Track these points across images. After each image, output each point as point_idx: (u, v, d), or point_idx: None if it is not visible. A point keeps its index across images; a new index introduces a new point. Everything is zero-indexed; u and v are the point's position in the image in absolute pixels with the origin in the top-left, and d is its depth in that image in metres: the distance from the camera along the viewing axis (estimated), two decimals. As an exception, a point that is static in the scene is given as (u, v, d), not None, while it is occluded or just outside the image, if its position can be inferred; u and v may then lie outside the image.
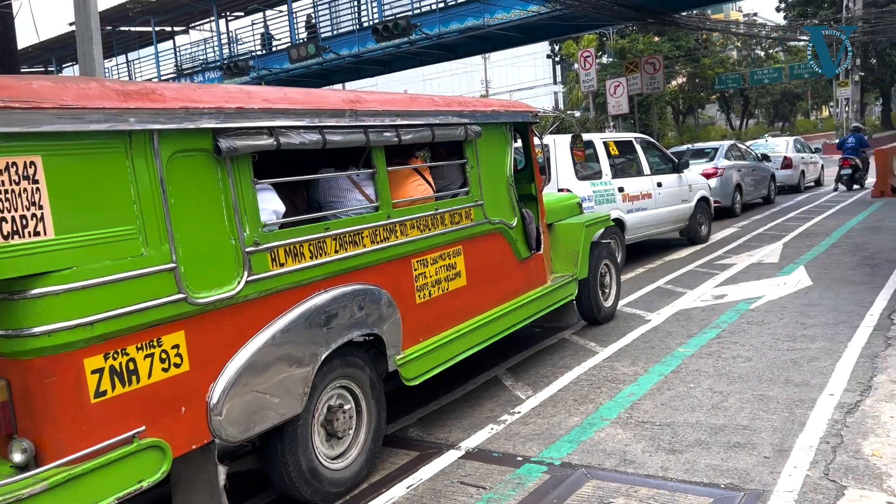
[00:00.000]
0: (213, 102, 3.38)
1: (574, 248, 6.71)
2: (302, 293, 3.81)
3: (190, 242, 3.24)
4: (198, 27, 30.73)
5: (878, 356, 5.48)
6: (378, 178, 4.40)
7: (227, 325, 3.41)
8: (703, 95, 52.60)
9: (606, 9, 17.53)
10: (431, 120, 4.86)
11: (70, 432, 2.82)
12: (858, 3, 40.22)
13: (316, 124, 3.92)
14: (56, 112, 2.74)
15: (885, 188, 16.21)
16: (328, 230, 3.99)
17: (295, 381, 3.69)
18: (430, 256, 4.82)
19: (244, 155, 3.51)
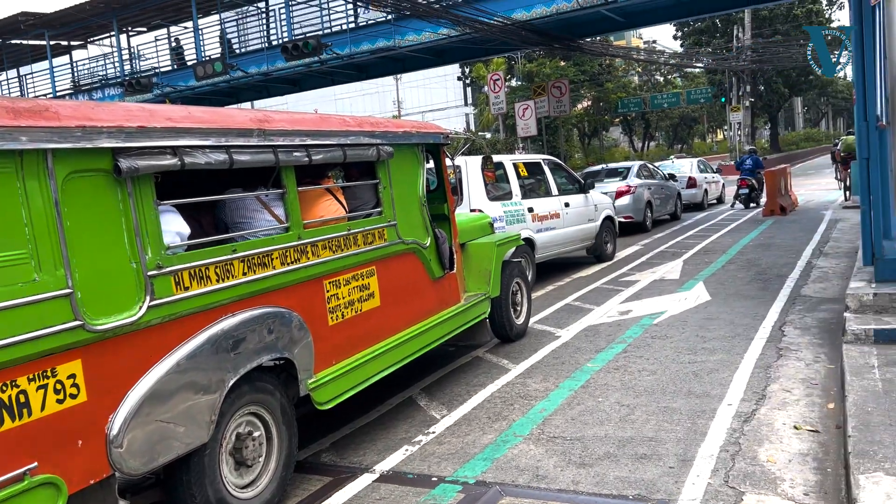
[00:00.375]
0: (112, 121, 3.27)
1: (486, 267, 6.80)
2: (208, 317, 3.70)
3: (88, 267, 3.11)
4: (97, 42, 29.58)
5: (771, 366, 5.79)
6: (288, 198, 4.33)
7: (128, 353, 3.28)
8: (607, 118, 54.55)
9: (514, 34, 17.98)
10: (343, 140, 4.83)
11: None
12: (747, 34, 42.81)
13: (222, 144, 3.83)
14: None
15: (774, 207, 17.25)
16: (235, 252, 3.90)
17: (201, 408, 3.56)
18: (342, 277, 4.78)
19: (146, 175, 3.39)
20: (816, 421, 4.63)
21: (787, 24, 46.19)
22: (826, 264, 10.06)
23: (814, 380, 5.42)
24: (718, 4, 18.45)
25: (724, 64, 43.84)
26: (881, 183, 6.64)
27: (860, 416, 4.22)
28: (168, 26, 25.15)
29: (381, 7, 18.13)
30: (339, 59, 20.25)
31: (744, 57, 42.42)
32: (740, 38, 43.40)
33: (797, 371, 5.64)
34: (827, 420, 4.63)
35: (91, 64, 28.67)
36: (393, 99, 56.42)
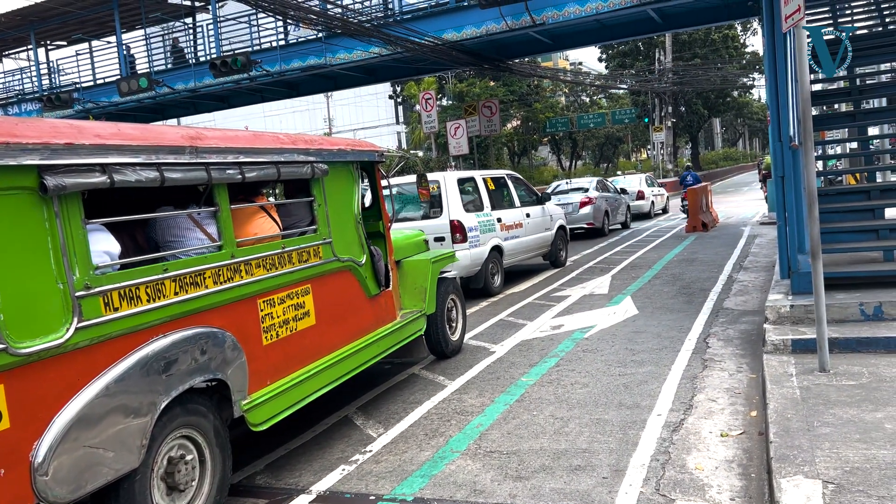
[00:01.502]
0: (37, 138, 3.18)
1: (422, 284, 6.84)
2: (139, 339, 3.63)
3: (11, 287, 3.02)
4: (12, 56, 28.41)
5: (697, 377, 6.00)
6: (221, 216, 4.29)
7: (54, 377, 3.17)
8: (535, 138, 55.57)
9: (445, 54, 18.18)
10: (277, 157, 4.80)
11: None
12: (668, 57, 44.45)
13: (153, 161, 3.76)
14: None
15: (696, 224, 17.89)
16: (167, 271, 3.84)
17: (131, 433, 3.47)
18: (277, 296, 4.73)
19: (73, 193, 3.33)
20: (740, 428, 4.82)
21: (705, 48, 48.23)
22: (746, 278, 10.49)
23: (737, 389, 5.64)
24: (640, 28, 19.08)
25: (647, 86, 45.40)
26: (795, 200, 7.00)
27: (780, 422, 4.42)
28: (90, 40, 24.37)
29: (312, 25, 18.06)
30: (268, 76, 20.02)
31: (665, 79, 44.06)
32: (662, 60, 45.08)
33: (721, 381, 5.86)
34: (750, 427, 4.83)
35: (6, 78, 27.47)
36: (324, 116, 56.10)
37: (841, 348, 5.81)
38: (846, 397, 4.77)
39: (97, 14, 22.85)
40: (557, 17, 16.56)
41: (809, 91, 5.36)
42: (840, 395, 4.84)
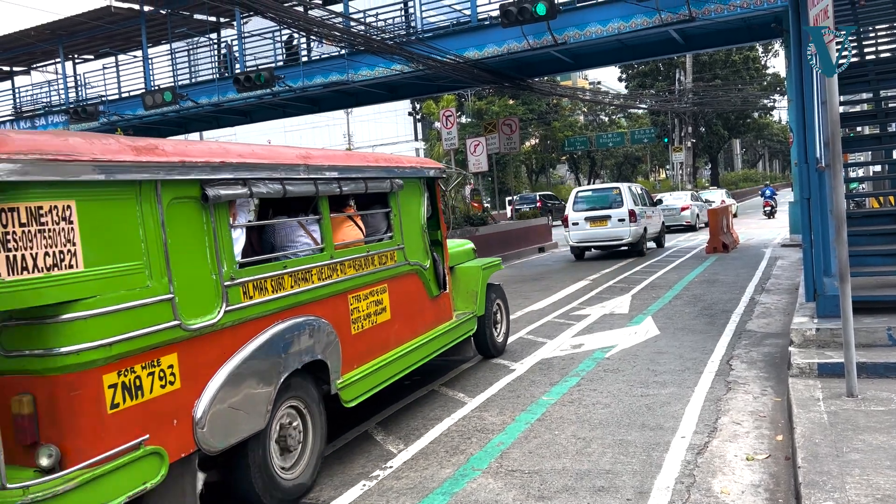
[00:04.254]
0: (201, 156, 3.96)
1: (473, 288, 7.53)
2: (265, 322, 4.35)
3: (182, 276, 3.76)
4: (40, 68, 28.92)
5: (721, 399, 5.93)
6: (323, 223, 5.10)
7: (209, 349, 3.90)
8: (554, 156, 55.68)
9: (466, 72, 18.27)
10: (365, 174, 5.60)
11: (91, 439, 3.22)
12: (689, 78, 44.40)
13: (278, 176, 4.54)
14: (90, 164, 3.26)
15: (717, 245, 17.77)
16: (286, 268, 4.61)
17: (260, 399, 4.20)
18: (362, 293, 5.49)
19: (223, 202, 4.09)
20: (766, 452, 4.75)
21: (725, 69, 48.13)
22: (768, 300, 10.39)
23: (762, 412, 5.57)
24: (661, 49, 19.09)
25: (667, 106, 45.36)
26: (821, 222, 6.94)
27: (808, 447, 4.36)
28: (116, 54, 24.77)
29: (336, 42, 18.24)
30: (291, 92, 20.20)
31: (685, 99, 43.98)
32: (682, 81, 45.03)
33: (746, 404, 5.79)
34: (776, 451, 4.76)
35: (34, 90, 27.95)
36: (343, 132, 56.46)
37: (868, 373, 5.72)
38: (875, 423, 4.70)
39: (125, 29, 23.25)
40: (579, 37, 16.62)
41: (838, 113, 5.33)
42: (869, 420, 4.76)
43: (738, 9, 14.91)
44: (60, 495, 2.99)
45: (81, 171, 3.21)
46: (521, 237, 21.37)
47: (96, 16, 22.12)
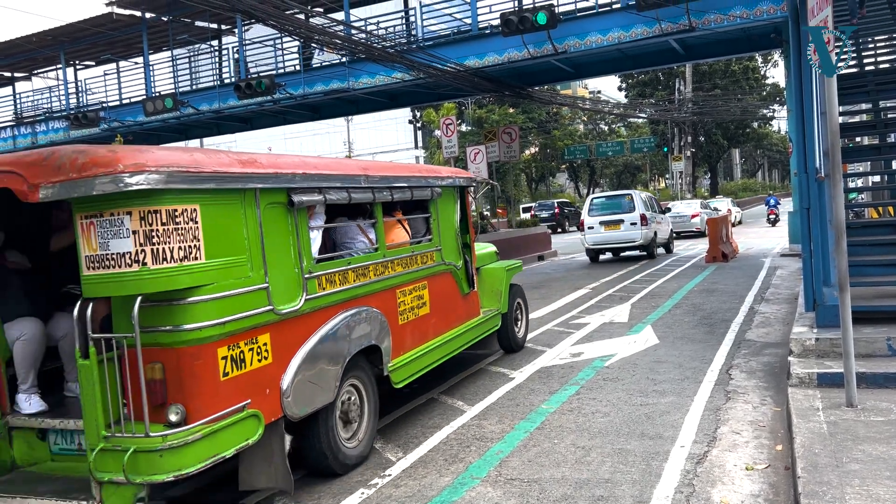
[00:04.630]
0: (288, 168, 4.69)
1: (498, 288, 8.19)
2: (334, 311, 5.05)
3: (274, 269, 4.45)
4: (41, 74, 28.97)
5: (721, 409, 5.92)
6: (377, 226, 5.84)
7: (293, 331, 4.61)
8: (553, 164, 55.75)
9: (467, 80, 18.31)
10: (411, 183, 6.33)
11: (208, 400, 3.90)
12: (688, 87, 44.52)
13: (344, 185, 5.27)
14: (211, 175, 3.98)
15: (716, 254, 17.78)
16: (350, 264, 5.34)
17: (330, 375, 4.90)
18: (407, 288, 6.20)
19: (304, 207, 4.80)
20: (766, 462, 4.74)
21: (725, 79, 48.28)
22: (768, 310, 10.39)
23: (761, 422, 5.56)
24: (661, 59, 19.14)
25: (667, 115, 45.45)
26: (821, 232, 6.95)
27: (808, 457, 4.35)
28: (118, 61, 24.83)
29: (336, 50, 18.28)
30: (292, 99, 20.24)
31: (685, 109, 44.07)
32: (682, 90, 45.14)
33: (745, 413, 5.78)
34: (776, 461, 4.75)
35: (35, 96, 27.99)
36: (343, 139, 56.54)
37: (868, 383, 5.72)
38: (875, 433, 4.69)
39: (126, 36, 23.32)
40: (579, 46, 16.66)
41: (838, 123, 5.35)
42: (869, 430, 4.76)
43: (737, 19, 14.97)
44: (188, 444, 3.72)
45: (205, 181, 3.94)
46: (521, 245, 21.38)
47: (98, 22, 22.19)
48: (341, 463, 4.99)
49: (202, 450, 3.78)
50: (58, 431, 4.34)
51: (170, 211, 3.75)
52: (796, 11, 7.70)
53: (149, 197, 3.68)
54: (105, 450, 3.72)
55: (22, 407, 4.46)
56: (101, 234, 3.72)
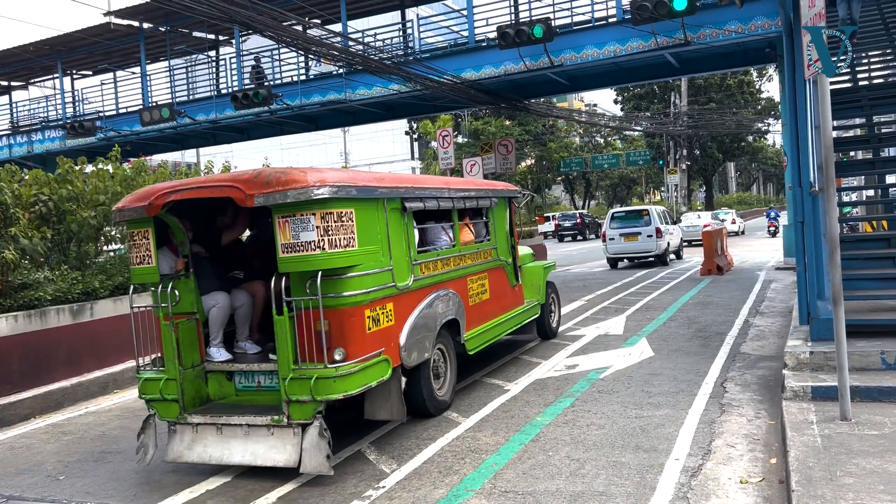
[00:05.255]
0: (403, 183, 6.35)
1: (537, 283, 9.71)
2: (429, 290, 6.58)
3: (395, 256, 5.98)
4: (38, 83, 28.99)
5: (715, 422, 5.92)
6: (454, 227, 7.48)
7: (406, 302, 6.11)
8: (549, 177, 55.87)
9: (463, 92, 18.38)
10: (477, 194, 8.00)
11: (359, 346, 5.36)
12: (684, 101, 44.72)
13: (435, 196, 6.84)
14: (361, 188, 5.54)
15: (711, 267, 17.81)
16: (438, 256, 6.91)
17: (428, 338, 6.41)
18: (473, 277, 7.72)
19: (411, 211, 6.35)
20: (760, 475, 4.74)
21: (720, 93, 48.52)
22: (762, 323, 10.41)
23: (756, 435, 5.56)
24: (657, 72, 19.25)
25: (662, 128, 45.63)
26: (815, 246, 6.98)
27: (802, 471, 4.35)
28: (115, 70, 24.86)
29: (334, 61, 18.34)
30: (289, 110, 20.28)
31: (680, 122, 44.26)
32: (677, 104, 45.34)
33: (740, 426, 5.78)
34: (770, 474, 4.75)
35: (32, 105, 27.98)
36: (340, 150, 56.63)
37: (862, 397, 5.73)
38: (869, 447, 4.70)
39: (123, 46, 23.37)
40: (575, 59, 16.75)
41: (832, 138, 5.38)
42: (863, 444, 4.76)
43: (732, 34, 15.07)
44: (351, 374, 5.18)
45: (357, 192, 5.47)
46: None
47: (95, 32, 22.23)
48: (435, 406, 6.57)
49: (358, 379, 5.25)
50: (242, 373, 5.89)
51: (338, 213, 5.24)
52: (790, 26, 7.76)
53: (326, 203, 5.16)
54: (294, 378, 5.16)
55: (213, 356, 5.97)
56: (293, 228, 5.15)
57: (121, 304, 9.40)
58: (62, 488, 5.50)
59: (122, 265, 9.90)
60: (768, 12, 14.56)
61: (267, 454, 5.24)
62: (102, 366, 9.00)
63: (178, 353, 5.66)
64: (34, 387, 8.14)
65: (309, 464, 5.08)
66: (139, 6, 20.49)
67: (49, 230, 9.12)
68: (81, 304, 8.90)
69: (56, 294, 8.64)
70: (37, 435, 7.15)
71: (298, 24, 19.99)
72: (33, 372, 8.21)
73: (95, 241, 10.11)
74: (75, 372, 8.66)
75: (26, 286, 8.58)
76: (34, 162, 23.16)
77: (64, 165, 9.53)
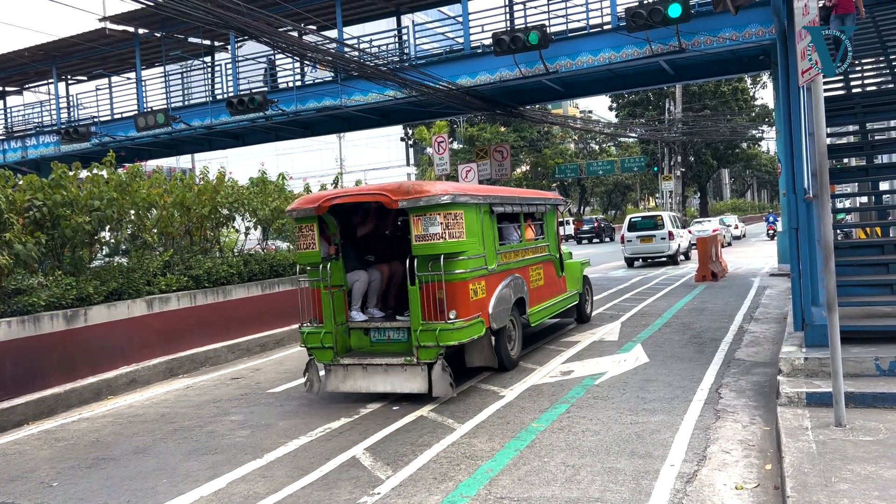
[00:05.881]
0: (491, 192, 8.49)
1: (576, 275, 11.83)
2: (506, 274, 8.52)
3: (486, 246, 7.95)
4: (33, 89, 28.94)
5: (710, 428, 5.92)
6: (521, 227, 9.60)
7: (492, 281, 8.04)
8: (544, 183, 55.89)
9: (459, 98, 18.41)
10: (536, 201, 10.28)
11: (466, 310, 7.31)
12: (678, 108, 44.87)
13: (510, 202, 8.92)
14: (468, 195, 7.58)
15: (706, 273, 17.85)
16: (511, 248, 8.97)
17: (507, 309, 8.34)
18: (533, 267, 9.70)
19: (495, 213, 8.38)
20: (755, 481, 4.74)
21: (715, 100, 48.70)
22: (757, 329, 10.43)
23: (751, 441, 5.56)
24: (651, 79, 19.33)
25: (657, 135, 45.77)
26: (809, 252, 7.00)
27: (797, 476, 4.35)
28: (110, 76, 24.83)
29: (329, 67, 18.35)
30: (284, 116, 20.27)
31: (675, 129, 44.38)
32: (672, 111, 45.46)
33: (735, 432, 5.78)
34: (765, 480, 4.75)
35: (26, 110, 27.91)
36: (335, 156, 56.60)
37: (856, 403, 5.74)
38: (864, 453, 4.71)
39: (119, 51, 23.36)
40: (570, 66, 16.80)
41: (826, 144, 5.40)
42: (857, 450, 4.77)
43: (727, 41, 15.15)
44: (462, 328, 7.20)
45: (467, 199, 7.54)
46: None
47: (91, 38, 22.21)
48: (510, 361, 8.56)
49: (466, 332, 7.28)
50: (376, 329, 7.93)
51: (454, 213, 7.33)
52: (784, 34, 7.80)
53: (446, 206, 7.27)
54: (422, 330, 7.18)
55: (355, 318, 8.05)
56: (424, 224, 7.24)
57: (115, 309, 9.38)
58: (55, 495, 5.47)
59: (115, 271, 9.87)
60: (762, 20, 14.64)
61: (403, 384, 7.34)
62: (96, 372, 8.96)
63: (333, 313, 7.70)
64: (27, 393, 8.11)
65: (438, 390, 7.20)
66: (135, 12, 20.47)
67: (43, 235, 9.07)
68: (75, 309, 8.86)
69: (50, 300, 8.60)
70: (30, 441, 7.11)
71: (294, 30, 20.01)
72: (26, 378, 8.17)
73: (90, 246, 10.06)
74: (69, 378, 8.62)
75: (20, 292, 8.53)
76: (28, 167, 23.05)
77: (58, 171, 9.50)
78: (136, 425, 7.38)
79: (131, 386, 9.14)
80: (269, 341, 11.62)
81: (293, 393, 8.32)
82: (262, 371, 9.84)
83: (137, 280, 9.94)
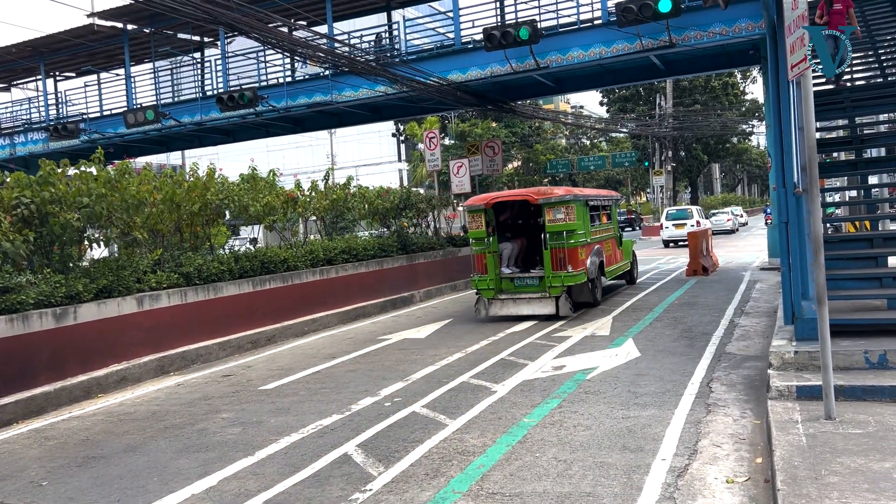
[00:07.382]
0: (586, 192, 13.99)
1: (629, 250, 16.51)
2: (594, 245, 13.35)
3: (585, 226, 12.90)
4: (21, 85, 28.72)
5: (701, 422, 5.94)
6: (600, 215, 14.32)
7: (588, 248, 13.00)
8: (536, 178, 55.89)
9: (450, 94, 18.38)
10: (609, 198, 15.45)
11: (577, 265, 12.30)
12: (669, 103, 44.93)
13: (596, 199, 14.21)
14: (575, 195, 12.77)
15: (697, 268, 17.91)
16: (596, 229, 13.81)
17: (597, 265, 13.34)
18: (606, 242, 14.33)
19: (589, 206, 13.46)
20: (746, 475, 4.76)
21: (705, 95, 48.80)
22: (747, 323, 10.47)
23: (742, 435, 5.59)
24: (642, 74, 19.35)
25: (648, 130, 45.85)
26: (799, 246, 7.02)
27: (788, 470, 4.37)
28: (98, 72, 24.66)
29: (320, 63, 18.28)
30: (275, 112, 20.19)
31: (666, 124, 44.48)
32: (662, 105, 45.55)
33: (726, 426, 5.81)
34: (756, 474, 4.77)
35: (14, 107, 27.70)
36: (327, 152, 56.44)
37: (846, 396, 5.77)
38: (853, 446, 4.73)
39: (107, 47, 23.18)
40: (561, 62, 16.81)
41: (815, 139, 5.42)
42: (847, 443, 4.79)
43: (717, 36, 15.18)
44: (575, 275, 12.10)
45: (574, 197, 12.50)
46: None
47: (79, 34, 22.04)
48: (596, 300, 13.13)
49: (577, 278, 12.04)
50: (519, 278, 12.63)
51: (570, 206, 12.18)
52: (774, 28, 7.82)
53: (567, 202, 12.21)
54: (552, 276, 11.99)
55: (504, 272, 12.72)
56: (554, 213, 12.13)
57: (105, 307, 9.32)
58: (45, 494, 5.44)
59: (105, 268, 9.81)
60: (752, 14, 14.68)
61: (540, 309, 12.09)
62: (86, 370, 8.91)
63: (493, 268, 12.49)
64: (17, 391, 8.05)
65: (563, 311, 12.01)
66: (123, 7, 20.33)
67: (31, 233, 9.00)
68: (65, 307, 8.80)
69: (39, 297, 8.54)
70: (19, 440, 7.07)
71: (284, 26, 19.92)
72: (16, 376, 8.12)
73: (79, 243, 10.00)
74: (59, 376, 8.57)
75: (8, 290, 8.47)
76: (17, 164, 22.92)
77: (46, 168, 9.42)
78: (126, 423, 7.34)
79: (122, 384, 9.10)
80: (261, 338, 11.59)
81: (285, 390, 8.30)
82: (253, 368, 9.82)
83: (127, 277, 9.89)
